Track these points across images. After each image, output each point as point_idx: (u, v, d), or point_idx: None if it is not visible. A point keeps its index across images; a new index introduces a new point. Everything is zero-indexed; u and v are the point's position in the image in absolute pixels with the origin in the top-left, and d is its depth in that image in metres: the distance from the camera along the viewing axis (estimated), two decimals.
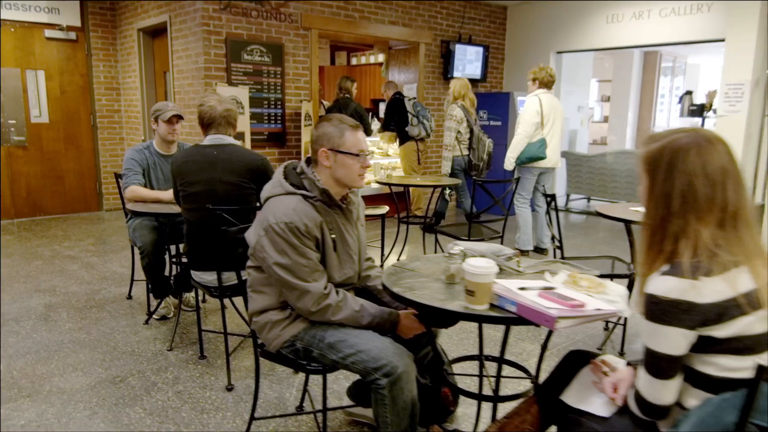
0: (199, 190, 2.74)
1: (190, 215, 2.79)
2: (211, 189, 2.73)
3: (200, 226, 2.76)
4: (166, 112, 3.61)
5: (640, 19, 7.07)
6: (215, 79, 5.59)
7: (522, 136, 5.23)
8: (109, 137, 7.34)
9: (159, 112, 3.63)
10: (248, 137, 5.73)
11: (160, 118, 3.62)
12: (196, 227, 2.79)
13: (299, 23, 6.11)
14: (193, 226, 2.80)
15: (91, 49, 7.05)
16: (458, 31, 7.79)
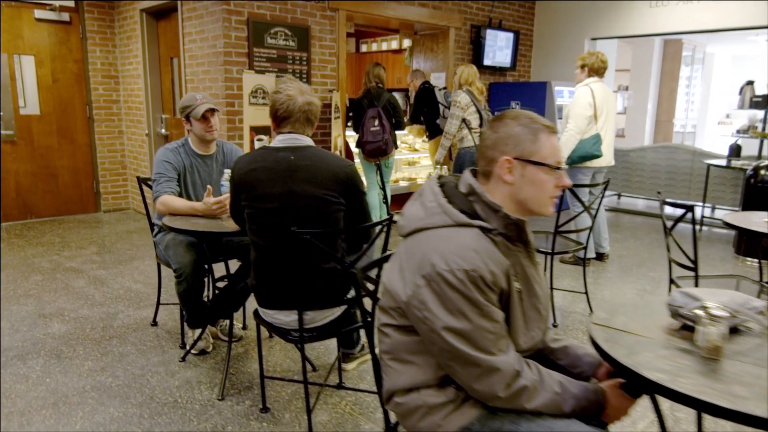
0: (272, 207, 2.11)
1: (261, 239, 2.17)
2: (289, 205, 2.10)
3: (275, 253, 2.15)
4: (197, 108, 2.97)
5: (688, 2, 6.54)
6: (236, 66, 4.92)
7: (573, 132, 4.67)
8: (107, 130, 6.62)
9: (189, 109, 2.98)
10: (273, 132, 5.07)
11: (192, 115, 2.98)
12: (268, 254, 2.17)
13: (326, 3, 5.45)
14: (264, 252, 2.18)
15: (87, 33, 6.31)
16: (488, 15, 7.18)
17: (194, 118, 2.98)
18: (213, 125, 3.04)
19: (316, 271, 2.13)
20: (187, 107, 2.99)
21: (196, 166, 3.08)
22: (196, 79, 5.25)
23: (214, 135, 3.07)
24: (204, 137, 3.03)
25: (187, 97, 3.03)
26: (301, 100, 2.22)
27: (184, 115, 3.01)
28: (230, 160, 3.20)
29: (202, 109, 2.96)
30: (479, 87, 5.50)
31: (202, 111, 2.96)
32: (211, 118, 3.02)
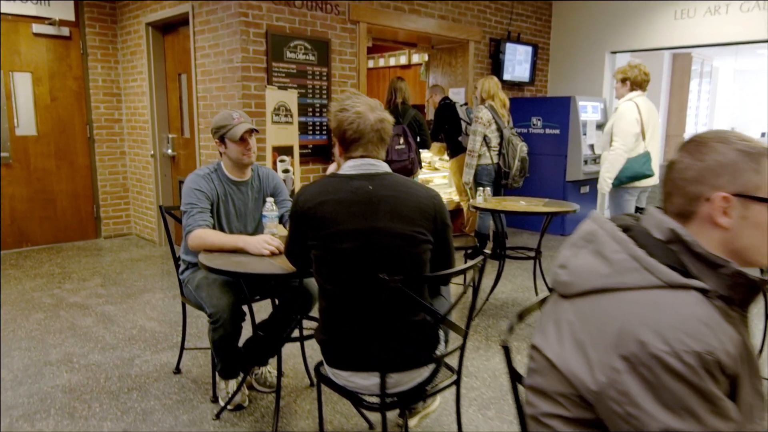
0: (350, 248, 1.74)
1: (334, 285, 1.79)
2: (371, 246, 1.74)
3: (352, 303, 1.77)
4: (235, 128, 2.61)
5: (716, 14, 6.32)
6: (254, 81, 4.58)
7: (621, 151, 4.35)
8: (109, 151, 6.22)
9: (224, 129, 2.62)
10: (296, 153, 4.73)
11: (228, 137, 2.62)
12: (344, 304, 1.79)
13: (347, 16, 5.14)
14: (338, 302, 1.80)
15: (88, 48, 5.95)
16: (506, 28, 6.92)
17: (231, 139, 2.62)
18: (251, 148, 2.68)
19: (403, 324, 1.77)
20: (223, 127, 2.63)
21: (230, 194, 2.71)
22: (209, 96, 4.90)
23: (252, 159, 2.71)
24: (241, 161, 2.67)
25: (221, 116, 2.67)
26: (373, 117, 1.87)
27: (218, 137, 2.65)
28: (267, 186, 2.84)
29: (241, 129, 2.60)
30: (502, 99, 5.24)
31: (241, 132, 2.60)
32: (249, 139, 2.66)
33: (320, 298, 1.87)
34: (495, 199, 4.41)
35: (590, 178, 6.82)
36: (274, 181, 2.87)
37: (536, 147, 6.59)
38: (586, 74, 7.42)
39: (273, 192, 2.85)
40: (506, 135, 5.20)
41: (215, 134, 2.66)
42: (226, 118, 2.64)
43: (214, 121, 2.68)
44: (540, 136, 6.74)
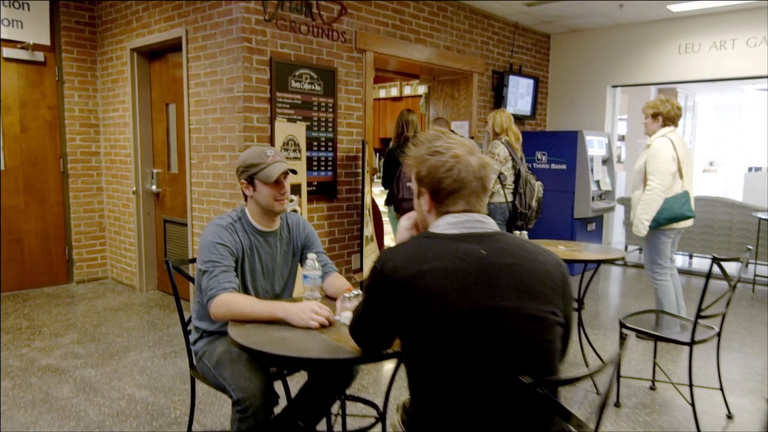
0: (465, 335, 1.29)
1: (439, 381, 1.33)
2: (496, 331, 1.30)
3: (466, 408, 1.32)
4: (269, 168, 2.17)
5: (722, 49, 6.22)
6: (257, 113, 4.15)
7: (659, 191, 4.06)
8: (84, 187, 5.66)
9: (255, 169, 2.18)
10: (304, 192, 4.28)
11: (259, 178, 2.18)
12: (454, 407, 1.33)
13: (353, 44, 4.79)
14: (445, 404, 1.34)
15: (64, 75, 5.43)
16: (508, 60, 6.70)
17: (263, 181, 2.17)
18: (286, 192, 2.24)
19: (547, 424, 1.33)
20: (254, 166, 2.18)
21: (256, 248, 2.26)
22: (204, 128, 4.44)
23: (286, 206, 2.27)
24: (272, 208, 2.22)
25: (252, 153, 2.22)
26: (475, 162, 1.46)
27: (247, 177, 2.20)
28: (298, 236, 2.39)
29: (277, 170, 2.17)
30: (516, 132, 4.95)
31: (278, 173, 2.16)
32: (284, 182, 2.23)
33: (414, 394, 1.43)
34: None
35: (597, 215, 6.57)
36: (306, 231, 2.43)
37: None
38: (587, 108, 7.24)
39: (305, 243, 2.41)
40: (523, 173, 4.89)
41: (242, 174, 2.22)
42: (259, 156, 2.20)
43: (242, 158, 2.23)
44: (545, 172, 6.46)
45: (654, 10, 6.14)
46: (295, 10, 4.31)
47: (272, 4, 4.16)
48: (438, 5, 5.61)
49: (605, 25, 6.86)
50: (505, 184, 4.88)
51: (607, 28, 6.93)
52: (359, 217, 4.99)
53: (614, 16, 6.45)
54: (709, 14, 6.16)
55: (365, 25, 4.88)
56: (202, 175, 4.50)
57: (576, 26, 6.96)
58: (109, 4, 5.36)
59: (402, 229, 1.70)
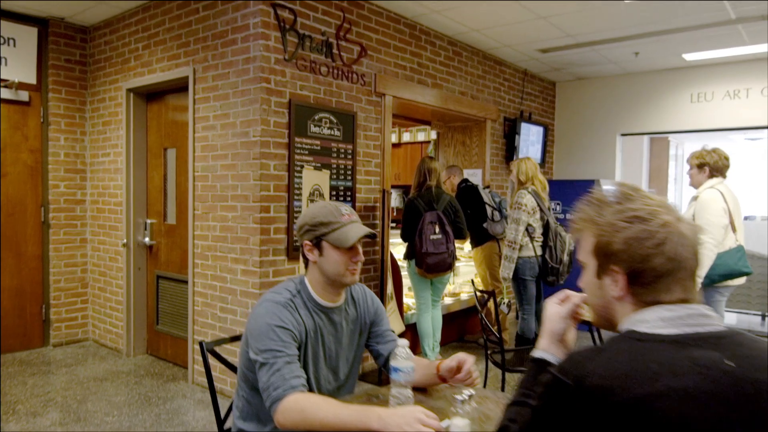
0: None
1: None
2: None
3: None
4: (345, 230, 1.77)
5: (735, 98, 6.12)
6: (274, 160, 3.75)
7: (711, 245, 3.78)
8: (67, 239, 5.11)
9: (327, 229, 1.78)
10: None
11: (331, 239, 1.77)
12: None
13: (372, 87, 4.48)
14: None
15: (49, 116, 4.97)
16: (519, 107, 6.50)
17: (334, 244, 1.76)
18: (360, 261, 1.83)
19: None
20: (324, 225, 1.77)
21: (320, 328, 1.82)
22: (212, 176, 4.01)
23: (357, 277, 1.85)
24: (341, 279, 1.80)
25: (323, 209, 1.81)
26: (689, 230, 1.08)
27: (313, 238, 1.79)
28: (366, 312, 1.97)
29: (356, 233, 1.76)
30: (542, 181, 4.67)
31: (356, 237, 1.76)
32: (358, 247, 1.82)
33: None
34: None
35: None
36: (374, 304, 2.01)
37: None
38: (596, 157, 7.05)
39: (373, 319, 1.98)
40: (552, 224, 4.58)
41: (307, 233, 1.80)
42: (331, 213, 1.79)
43: (309, 214, 1.82)
44: (560, 223, 6.15)
45: (668, 59, 6.05)
46: (315, 50, 3.99)
47: (293, 43, 3.83)
48: (453, 50, 5.38)
49: (614, 73, 6.76)
50: (534, 237, 4.55)
51: (615, 76, 6.82)
52: (377, 273, 4.56)
53: (624, 65, 6.34)
54: (722, 63, 6.09)
55: (384, 68, 4.59)
56: (207, 227, 4.04)
57: (583, 74, 6.84)
58: (104, 41, 4.97)
59: (555, 317, 1.30)
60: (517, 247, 4.50)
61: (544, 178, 4.69)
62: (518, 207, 4.49)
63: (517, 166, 4.65)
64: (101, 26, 4.99)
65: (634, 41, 5.38)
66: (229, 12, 3.82)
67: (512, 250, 4.51)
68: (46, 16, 4.83)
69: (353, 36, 4.28)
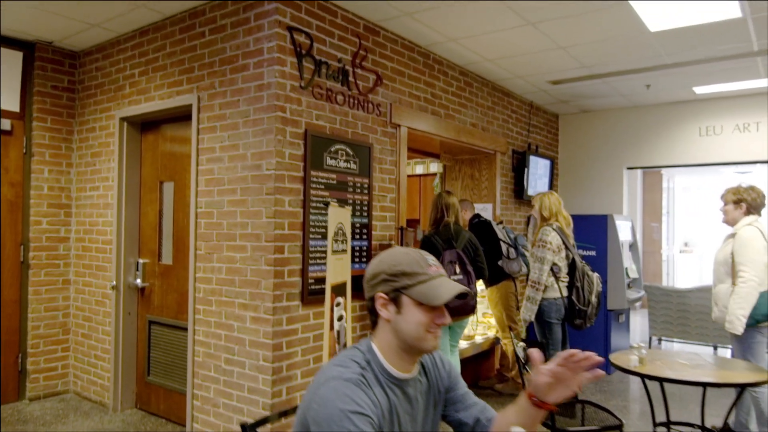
0: None
1: None
2: None
3: None
4: (434, 284, 1.47)
5: (745, 131, 6.02)
6: (288, 195, 3.42)
7: (754, 283, 3.59)
8: (48, 280, 4.66)
9: (411, 280, 1.46)
10: (349, 292, 3.50)
11: (415, 294, 1.45)
12: None
13: (388, 117, 4.21)
14: None
15: (33, 147, 4.57)
16: (526, 140, 6.30)
17: (418, 300, 1.44)
18: (446, 322, 1.50)
19: None
20: (407, 276, 1.45)
21: (395, 407, 1.47)
22: (217, 213, 3.65)
23: (439, 342, 1.52)
24: (421, 344, 1.47)
25: (405, 256, 1.49)
26: None
27: (390, 291, 1.46)
28: (439, 377, 1.64)
29: (448, 291, 1.44)
30: (566, 217, 4.45)
31: (450, 294, 1.44)
32: (443, 307, 1.49)
33: None
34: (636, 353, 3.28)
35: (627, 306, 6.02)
36: (447, 368, 1.68)
37: None
38: (602, 190, 6.87)
39: (449, 386, 1.65)
40: (578, 263, 4.31)
41: (383, 284, 1.47)
42: (417, 263, 1.47)
43: (388, 261, 1.50)
44: None
45: (678, 92, 5.94)
46: (332, 78, 3.71)
47: (309, 70, 3.55)
48: (464, 80, 5.17)
49: (620, 106, 6.64)
50: (559, 277, 4.28)
51: (621, 109, 6.70)
52: None
53: (633, 97, 6.22)
54: (732, 96, 6.00)
55: (399, 98, 4.34)
56: (211, 269, 3.66)
57: (588, 107, 6.71)
58: (95, 67, 4.63)
59: None
60: (542, 288, 4.22)
61: (568, 214, 4.45)
62: (542, 245, 4.23)
63: (540, 201, 4.41)
64: (92, 51, 4.65)
65: (648, 74, 5.25)
66: (239, 36, 3.53)
67: (536, 291, 4.22)
68: (33, 39, 4.48)
69: (369, 64, 4.03)
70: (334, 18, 3.75)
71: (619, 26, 4.07)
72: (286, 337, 3.38)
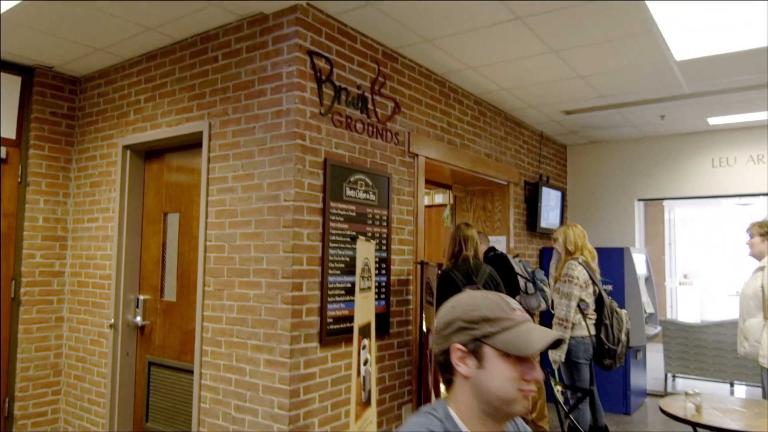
0: None
1: None
2: None
3: None
4: (522, 330, 1.24)
5: (759, 163, 5.93)
6: (307, 228, 3.20)
7: None
8: (40, 317, 4.35)
9: (494, 327, 1.24)
10: (373, 332, 3.25)
11: (500, 343, 1.23)
12: None
13: (406, 147, 4.03)
14: None
15: (29, 176, 4.33)
16: (537, 171, 6.16)
17: (505, 351, 1.21)
18: (538, 378, 1.28)
19: None
20: (489, 322, 1.23)
21: None
22: (228, 246, 3.41)
23: (529, 404, 1.29)
24: (510, 406, 1.23)
25: (483, 299, 1.27)
26: None
27: (471, 340, 1.23)
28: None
29: (541, 338, 1.22)
30: (591, 251, 4.27)
31: (542, 344, 1.21)
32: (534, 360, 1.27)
33: None
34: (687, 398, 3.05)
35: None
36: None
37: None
38: (612, 222, 6.73)
39: None
40: (606, 300, 4.11)
41: (460, 333, 1.25)
42: (499, 307, 1.25)
43: (464, 305, 1.28)
44: None
45: (692, 123, 5.85)
46: (351, 104, 3.54)
47: (329, 96, 3.37)
48: (479, 109, 5.04)
49: (631, 137, 6.54)
50: (587, 314, 4.07)
51: (632, 140, 6.61)
52: (410, 357, 3.96)
53: (644, 128, 6.12)
54: (747, 127, 5.93)
55: (417, 127, 4.17)
56: (221, 307, 3.41)
57: (597, 137, 6.61)
58: (97, 93, 4.43)
59: None
60: (570, 326, 4.00)
61: (593, 247, 4.27)
62: (569, 280, 4.03)
63: (564, 235, 4.23)
64: (95, 77, 4.46)
65: (664, 104, 5.15)
66: (256, 60, 3.36)
67: (564, 329, 4.00)
68: (32, 64, 4.28)
69: (387, 91, 3.87)
70: (354, 43, 3.59)
71: (643, 54, 3.96)
72: (304, 383, 3.11)
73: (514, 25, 3.49)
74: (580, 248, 4.19)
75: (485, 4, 3.21)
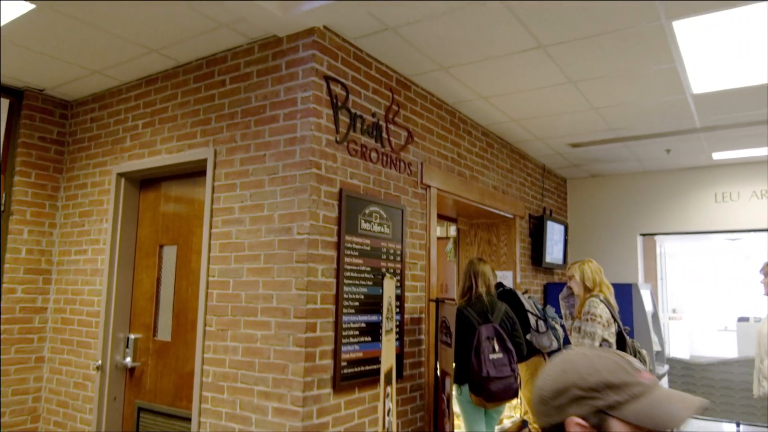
0: None
1: None
2: None
3: None
4: (654, 397, 1.01)
5: (763, 198, 5.89)
6: (321, 263, 2.97)
7: None
8: (19, 358, 4.00)
9: (620, 395, 1.01)
10: (394, 378, 3.00)
11: (631, 415, 1.00)
12: None
13: (419, 177, 3.86)
14: None
15: (12, 204, 4.04)
16: (541, 204, 6.04)
17: (640, 424, 0.99)
18: None
19: None
20: (614, 389, 1.01)
21: None
22: (233, 282, 3.16)
23: None
24: None
25: (604, 360, 1.05)
26: None
27: (593, 411, 1.01)
28: None
29: (687, 407, 1.01)
30: (609, 287, 4.12)
31: (689, 412, 1.00)
32: None
33: None
34: None
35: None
36: None
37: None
38: (614, 257, 6.59)
39: None
40: (627, 339, 3.93)
41: (577, 405, 1.03)
42: (624, 369, 1.04)
43: (576, 370, 1.05)
44: None
45: (696, 157, 5.80)
46: (366, 133, 3.36)
47: (344, 123, 3.19)
48: (486, 141, 4.91)
49: (634, 171, 6.48)
50: None
51: (633, 174, 6.55)
52: (422, 401, 3.70)
53: (648, 162, 6.06)
54: (750, 162, 5.90)
55: (429, 157, 4.01)
56: (224, 349, 3.13)
57: (598, 171, 6.53)
58: (90, 118, 4.19)
59: None
60: None
61: (610, 283, 4.10)
62: (591, 318, 3.83)
63: (581, 271, 4.05)
64: (88, 101, 4.23)
65: (672, 138, 5.08)
66: (267, 84, 3.17)
67: None
68: (22, 86, 4.04)
69: (401, 120, 3.71)
70: (369, 69, 3.44)
71: (663, 86, 3.87)
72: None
73: (535, 53, 3.38)
74: (599, 284, 4.02)
75: (511, 31, 3.09)
